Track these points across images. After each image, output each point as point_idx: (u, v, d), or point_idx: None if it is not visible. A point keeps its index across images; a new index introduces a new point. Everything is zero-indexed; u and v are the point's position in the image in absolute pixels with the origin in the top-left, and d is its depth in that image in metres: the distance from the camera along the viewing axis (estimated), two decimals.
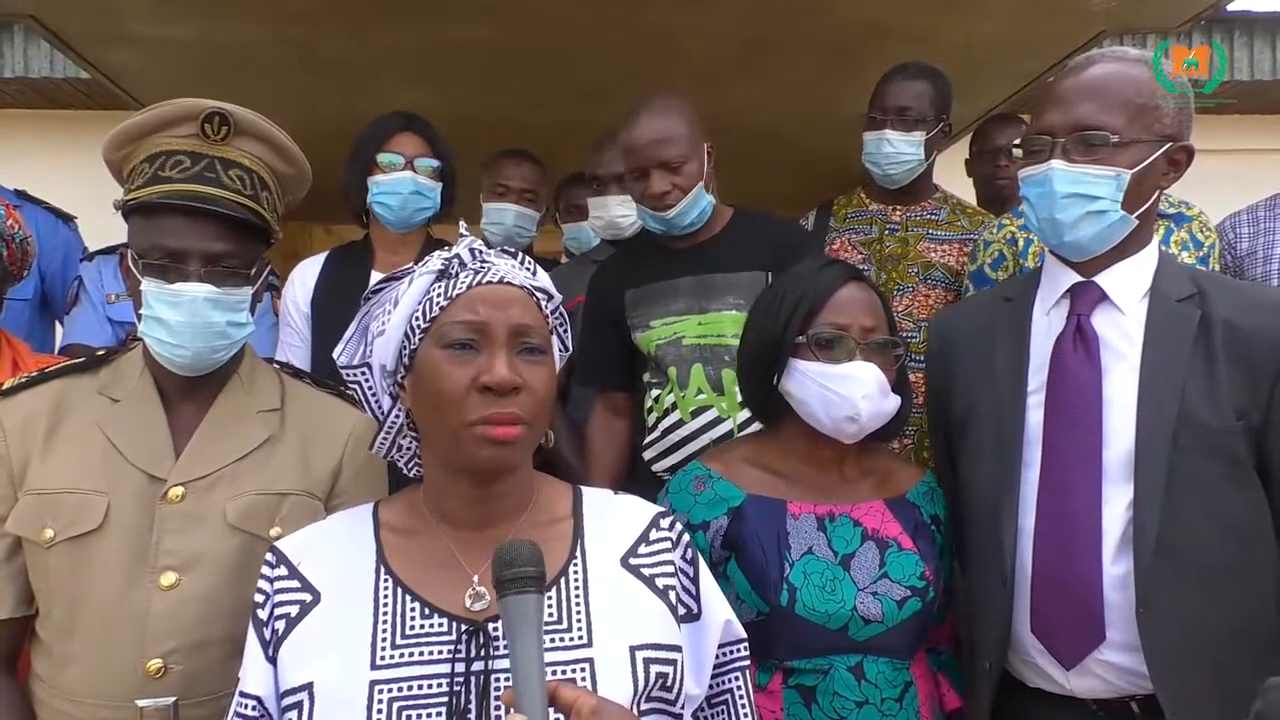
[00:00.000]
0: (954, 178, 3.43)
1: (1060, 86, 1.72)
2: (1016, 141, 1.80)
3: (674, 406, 2.51)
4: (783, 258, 2.44)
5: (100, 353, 1.71)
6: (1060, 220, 1.69)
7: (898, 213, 2.98)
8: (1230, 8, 3.32)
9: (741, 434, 2.30)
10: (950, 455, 1.91)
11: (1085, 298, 1.74)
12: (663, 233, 2.56)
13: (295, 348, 2.88)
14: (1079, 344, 1.72)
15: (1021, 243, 2.64)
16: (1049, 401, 1.73)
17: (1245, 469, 1.63)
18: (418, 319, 1.29)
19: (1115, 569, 1.63)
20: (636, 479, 2.55)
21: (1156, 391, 1.65)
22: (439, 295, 1.28)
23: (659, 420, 2.54)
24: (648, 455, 2.57)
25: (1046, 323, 1.78)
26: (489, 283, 1.28)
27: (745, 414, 2.41)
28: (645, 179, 2.48)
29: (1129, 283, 1.73)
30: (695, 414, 2.48)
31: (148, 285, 1.55)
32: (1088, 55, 1.74)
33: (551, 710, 1.07)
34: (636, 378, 2.65)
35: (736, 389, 2.33)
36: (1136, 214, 1.70)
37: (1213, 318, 1.66)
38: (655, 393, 2.56)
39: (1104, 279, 1.73)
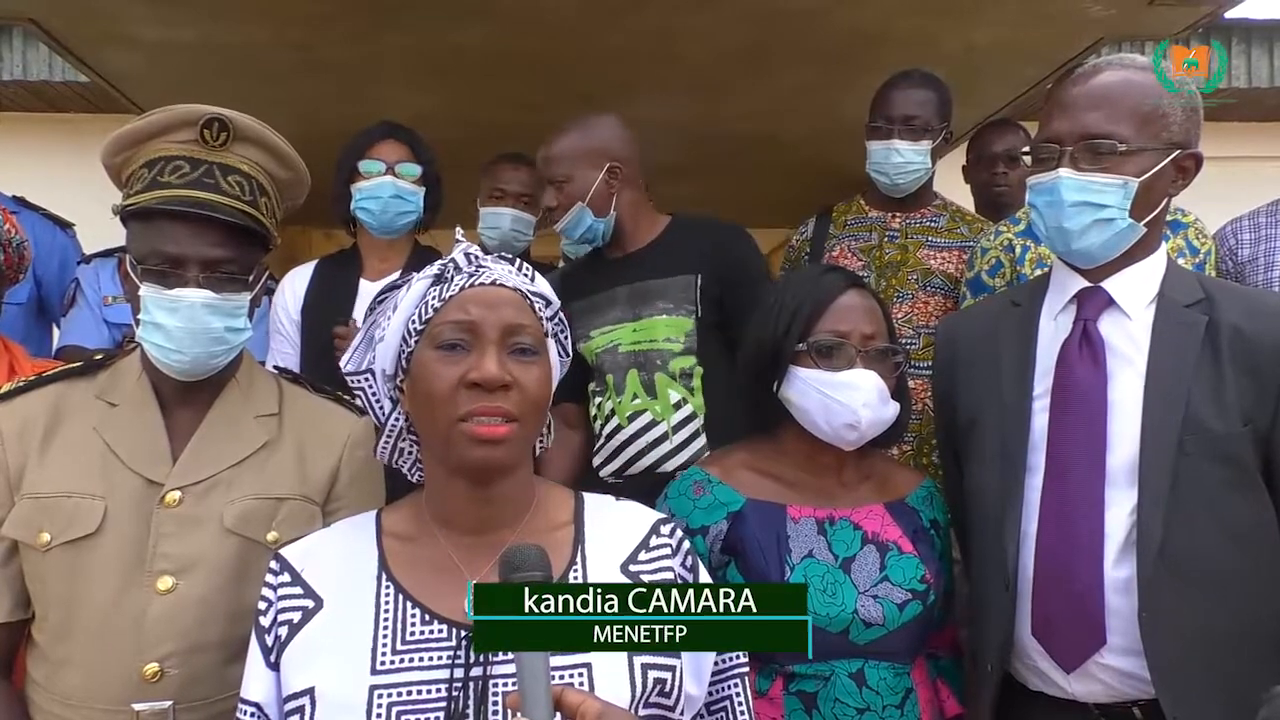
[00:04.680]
0: (952, 184, 3.43)
1: (1067, 94, 1.71)
2: (1025, 149, 1.80)
3: (613, 413, 2.58)
4: (715, 257, 2.56)
5: (98, 357, 1.71)
6: (1068, 228, 1.69)
7: (897, 220, 2.98)
8: (1228, 14, 3.31)
9: (741, 440, 2.29)
10: (957, 460, 1.91)
11: (1092, 303, 1.74)
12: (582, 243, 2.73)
13: (286, 355, 2.90)
14: (1085, 349, 1.72)
15: (1018, 250, 2.64)
16: (1054, 406, 1.72)
17: (1251, 474, 1.63)
18: (414, 322, 1.29)
19: (1117, 573, 1.62)
20: (588, 488, 2.59)
21: (1162, 396, 1.65)
22: (434, 298, 1.29)
23: (602, 427, 2.62)
24: (596, 462, 2.64)
25: (1053, 328, 1.78)
26: (481, 284, 1.29)
27: (679, 416, 2.52)
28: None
29: (1136, 288, 1.73)
30: (632, 418, 2.56)
31: (146, 290, 1.55)
32: (1094, 63, 1.74)
33: (556, 714, 1.07)
34: (584, 390, 2.70)
35: (670, 391, 2.48)
36: (1144, 221, 1.69)
37: (1220, 323, 1.66)
38: (598, 400, 2.63)
39: (1111, 284, 1.73)
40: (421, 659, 1.23)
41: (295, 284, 2.97)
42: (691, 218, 2.81)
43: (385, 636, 1.25)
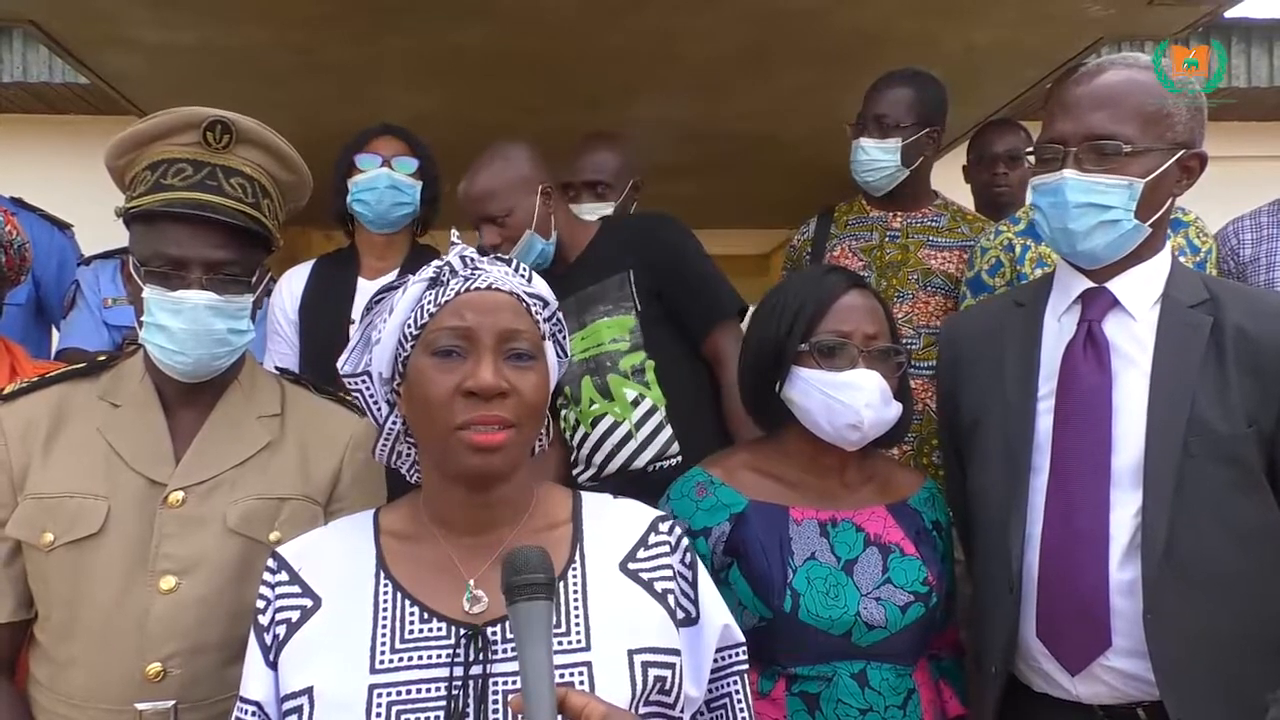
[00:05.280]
0: (953, 184, 3.43)
1: (1071, 94, 1.70)
2: (1029, 149, 1.79)
3: (577, 422, 2.62)
4: (642, 249, 2.59)
5: (101, 358, 1.71)
6: (1073, 230, 1.68)
7: (898, 219, 2.97)
8: (1228, 14, 3.31)
9: (744, 441, 2.30)
10: (960, 461, 1.91)
11: (1096, 304, 1.73)
12: None
13: (284, 355, 2.89)
14: (1089, 350, 1.71)
15: (1018, 249, 2.64)
16: (1058, 407, 1.72)
17: (1256, 476, 1.62)
18: (409, 327, 1.29)
19: (1122, 575, 1.62)
20: None
21: (1167, 398, 1.64)
22: (429, 303, 1.29)
23: (572, 437, 2.65)
24: (575, 471, 2.66)
25: (1058, 328, 1.78)
26: (477, 289, 1.29)
27: (639, 412, 2.54)
28: (480, 230, 2.64)
29: (1141, 289, 1.72)
30: (594, 423, 2.58)
31: (149, 292, 1.56)
32: (1098, 62, 1.73)
33: (559, 717, 1.06)
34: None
35: (625, 391, 2.50)
36: (1149, 222, 1.69)
37: (1225, 324, 1.66)
38: (564, 413, 2.66)
39: (1116, 285, 1.73)
40: (421, 657, 1.23)
41: (292, 284, 2.97)
42: (619, 218, 2.85)
43: (384, 635, 1.25)
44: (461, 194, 2.63)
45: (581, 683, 1.22)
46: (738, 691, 1.41)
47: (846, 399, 1.69)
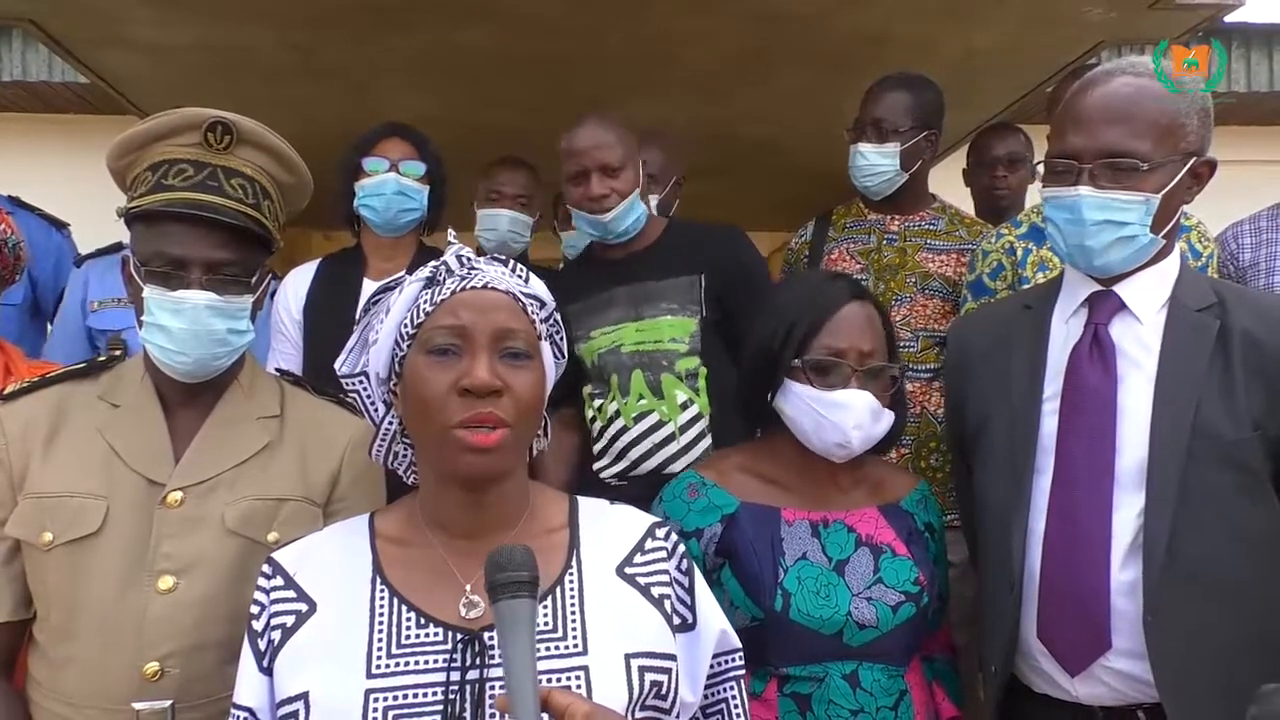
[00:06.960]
0: (953, 187, 3.43)
1: (1082, 105, 1.67)
2: (1039, 161, 1.77)
3: (618, 414, 2.59)
4: (719, 258, 2.59)
5: (101, 359, 1.71)
6: (1090, 246, 1.66)
7: (896, 222, 2.97)
8: (1228, 19, 3.31)
9: (740, 444, 2.30)
10: (967, 463, 1.90)
11: (1104, 307, 1.73)
12: (598, 239, 2.66)
13: (288, 355, 2.88)
14: (1095, 352, 1.70)
15: (1020, 253, 2.64)
16: (1063, 409, 1.71)
17: (1260, 480, 1.61)
18: (405, 326, 1.29)
19: (1123, 576, 1.61)
20: (585, 490, 2.60)
21: (1171, 401, 1.63)
22: (425, 302, 1.29)
23: (604, 429, 2.61)
24: (598, 464, 2.64)
25: (1065, 331, 1.77)
26: (473, 288, 1.29)
27: (685, 416, 2.53)
28: (585, 182, 2.56)
29: (1148, 292, 1.71)
30: (638, 419, 2.56)
31: (149, 292, 1.56)
32: (1105, 69, 1.70)
33: (545, 716, 1.06)
34: (578, 392, 2.70)
35: (677, 392, 2.49)
36: (1163, 233, 1.68)
37: (1232, 328, 1.65)
38: (598, 402, 2.64)
39: (1123, 289, 1.71)
40: (417, 662, 1.23)
41: (297, 284, 2.96)
42: (688, 221, 2.84)
43: (380, 640, 1.25)
44: (577, 141, 2.57)
45: (579, 687, 1.22)
46: (734, 697, 1.41)
47: (836, 419, 1.69)
